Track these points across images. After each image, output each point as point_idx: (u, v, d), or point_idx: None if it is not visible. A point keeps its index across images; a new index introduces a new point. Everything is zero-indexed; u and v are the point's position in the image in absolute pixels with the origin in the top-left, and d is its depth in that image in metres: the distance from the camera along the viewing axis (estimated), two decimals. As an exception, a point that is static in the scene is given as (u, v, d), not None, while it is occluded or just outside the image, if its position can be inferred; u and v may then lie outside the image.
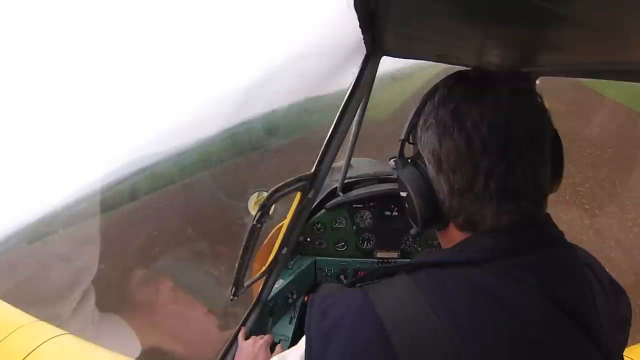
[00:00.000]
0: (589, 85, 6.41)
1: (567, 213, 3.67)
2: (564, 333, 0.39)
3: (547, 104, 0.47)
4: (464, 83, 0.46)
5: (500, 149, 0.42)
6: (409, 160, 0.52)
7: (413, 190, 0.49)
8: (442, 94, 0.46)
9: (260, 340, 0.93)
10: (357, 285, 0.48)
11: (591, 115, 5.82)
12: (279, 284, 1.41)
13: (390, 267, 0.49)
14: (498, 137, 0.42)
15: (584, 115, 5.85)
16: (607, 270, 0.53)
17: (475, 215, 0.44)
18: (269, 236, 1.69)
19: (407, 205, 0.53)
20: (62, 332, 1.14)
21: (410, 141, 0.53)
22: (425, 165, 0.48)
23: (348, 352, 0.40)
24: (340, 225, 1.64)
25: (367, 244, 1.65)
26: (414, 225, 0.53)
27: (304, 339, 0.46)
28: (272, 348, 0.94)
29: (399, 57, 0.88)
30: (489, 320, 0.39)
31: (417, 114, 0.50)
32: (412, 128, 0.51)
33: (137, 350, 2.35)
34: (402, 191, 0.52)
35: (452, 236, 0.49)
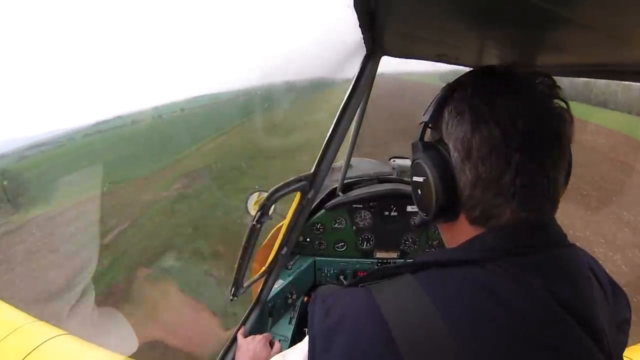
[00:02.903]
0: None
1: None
2: (568, 333, 0.39)
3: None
4: (498, 78, 0.46)
5: (533, 146, 0.41)
6: (429, 145, 0.50)
7: (434, 174, 0.47)
8: (476, 84, 0.46)
9: (259, 336, 0.95)
10: (359, 285, 0.48)
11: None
12: (279, 284, 1.41)
13: (393, 267, 0.48)
14: (533, 135, 0.41)
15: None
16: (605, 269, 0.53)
17: (494, 209, 0.43)
18: (269, 236, 1.69)
19: (419, 192, 0.51)
20: (62, 332, 1.14)
21: (430, 126, 0.51)
22: (448, 152, 0.46)
23: (351, 351, 0.39)
24: (340, 226, 1.64)
25: (366, 244, 1.65)
26: (423, 215, 0.51)
27: (306, 338, 0.46)
28: (270, 345, 0.95)
29: (398, 57, 0.88)
30: (492, 319, 0.39)
31: (444, 99, 0.48)
32: (438, 113, 0.49)
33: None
34: (418, 176, 0.50)
35: (459, 230, 0.48)
